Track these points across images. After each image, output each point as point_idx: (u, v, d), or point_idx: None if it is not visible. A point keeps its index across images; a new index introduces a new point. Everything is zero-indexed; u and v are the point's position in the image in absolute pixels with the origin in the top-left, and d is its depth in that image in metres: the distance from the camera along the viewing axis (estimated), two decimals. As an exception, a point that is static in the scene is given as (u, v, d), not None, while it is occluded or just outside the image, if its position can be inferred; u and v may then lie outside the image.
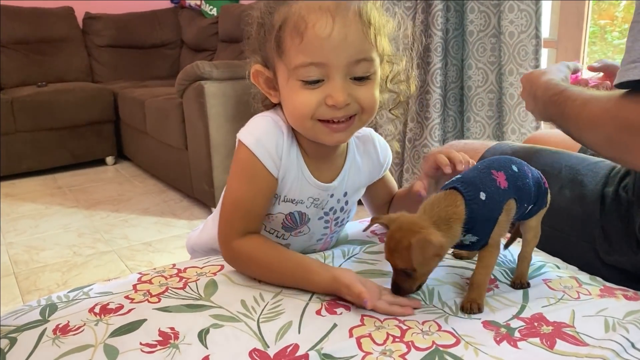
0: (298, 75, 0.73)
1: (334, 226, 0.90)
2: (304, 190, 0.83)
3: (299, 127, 0.79)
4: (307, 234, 0.88)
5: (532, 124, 2.08)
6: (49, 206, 2.83)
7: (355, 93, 0.74)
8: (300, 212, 0.85)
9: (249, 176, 0.79)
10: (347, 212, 0.90)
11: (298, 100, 0.75)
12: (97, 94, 3.53)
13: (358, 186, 0.91)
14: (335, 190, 0.86)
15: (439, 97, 2.32)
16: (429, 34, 2.29)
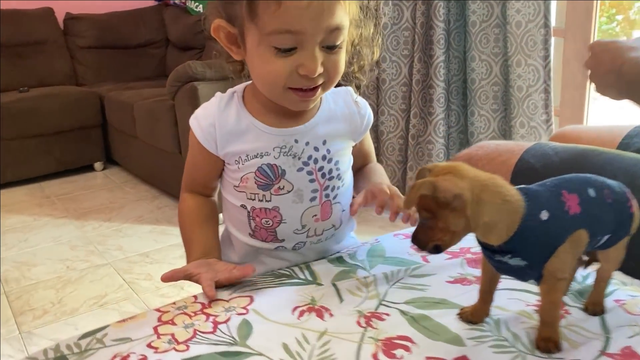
0: (271, 41, 0.72)
1: (322, 179, 0.85)
2: (264, 140, 0.82)
3: (266, 93, 0.80)
4: (293, 191, 0.84)
5: (542, 117, 2.01)
6: (37, 217, 2.71)
7: (326, 62, 0.74)
8: (270, 165, 0.83)
9: (190, 149, 0.88)
10: (334, 162, 0.86)
11: (269, 67, 0.74)
12: (83, 97, 3.40)
13: (338, 134, 0.88)
14: (305, 136, 0.84)
15: (443, 92, 2.24)
16: (431, 25, 2.21)
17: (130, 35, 4.05)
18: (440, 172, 0.63)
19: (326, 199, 0.87)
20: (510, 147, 1.05)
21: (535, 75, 1.98)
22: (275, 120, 0.83)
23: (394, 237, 0.91)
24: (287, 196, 0.84)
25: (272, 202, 0.83)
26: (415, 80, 2.31)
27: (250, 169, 0.82)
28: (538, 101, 2.00)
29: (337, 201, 0.89)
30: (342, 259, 0.84)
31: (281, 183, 0.83)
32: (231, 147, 0.83)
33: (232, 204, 0.88)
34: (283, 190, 0.83)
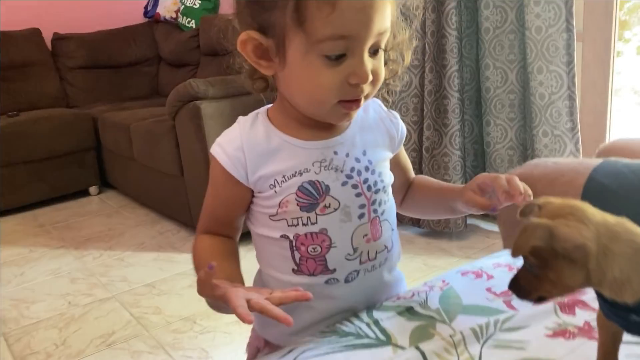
0: (321, 49, 0.64)
1: (368, 192, 0.77)
2: (301, 156, 0.74)
3: (311, 110, 0.72)
4: (340, 209, 0.75)
5: (567, 125, 1.92)
6: (33, 249, 2.57)
7: (373, 69, 0.68)
8: (312, 181, 0.74)
9: (212, 182, 0.79)
10: (378, 174, 0.78)
11: (320, 80, 0.66)
12: (75, 120, 3.26)
13: (377, 144, 0.80)
14: (344, 147, 0.76)
15: (458, 102, 2.15)
16: (442, 34, 2.12)
17: (121, 54, 3.93)
18: (555, 212, 0.53)
19: (374, 214, 0.78)
20: (574, 166, 0.95)
21: (558, 81, 1.89)
22: (309, 134, 0.75)
23: (462, 276, 0.80)
24: (334, 215, 0.74)
25: (319, 224, 0.74)
26: (428, 91, 2.21)
27: (289, 190, 0.73)
28: (562, 109, 1.91)
29: (385, 218, 0.80)
30: (414, 310, 0.72)
31: (327, 200, 0.74)
32: (264, 169, 0.74)
33: (268, 239, 0.78)
34: (329, 208, 0.74)
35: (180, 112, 2.32)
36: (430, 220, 2.27)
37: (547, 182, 0.95)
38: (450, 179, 2.19)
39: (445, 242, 2.28)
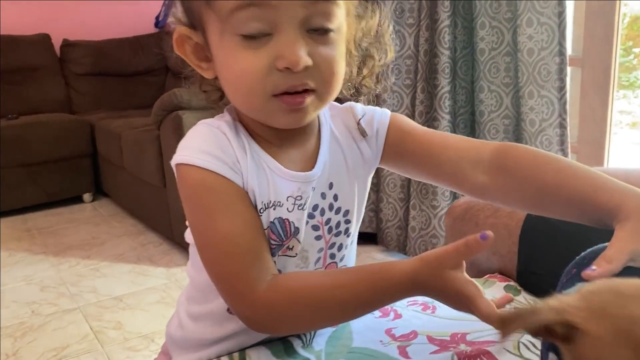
0: (234, 26, 0.53)
1: (328, 234, 0.64)
2: (278, 187, 0.60)
3: (246, 106, 0.59)
4: (299, 253, 0.62)
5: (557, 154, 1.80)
6: (13, 253, 2.53)
7: (314, 53, 0.54)
8: (282, 219, 0.60)
9: (219, 202, 0.57)
10: (343, 213, 0.65)
11: (240, 65, 0.54)
12: (73, 126, 3.25)
13: (345, 172, 0.65)
14: (318, 181, 0.62)
15: (448, 124, 2.05)
16: (435, 53, 2.03)
17: (128, 63, 3.93)
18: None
19: (331, 260, 0.66)
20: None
21: (550, 108, 1.79)
22: (285, 156, 0.62)
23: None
24: (292, 259, 0.63)
25: (277, 265, 0.61)
26: (419, 112, 2.12)
27: (264, 223, 0.60)
28: (553, 137, 1.80)
29: (344, 264, 0.68)
30: (293, 350, 0.63)
31: (291, 242, 0.62)
32: (252, 187, 0.59)
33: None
34: (291, 251, 0.62)
35: (164, 122, 2.27)
36: (417, 247, 2.17)
37: (491, 212, 0.86)
38: (439, 205, 2.08)
39: (432, 271, 2.16)
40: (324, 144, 0.65)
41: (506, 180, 0.62)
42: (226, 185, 0.58)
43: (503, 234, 0.80)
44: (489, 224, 0.84)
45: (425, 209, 2.13)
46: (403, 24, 2.15)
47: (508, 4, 1.88)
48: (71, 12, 3.89)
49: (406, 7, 2.13)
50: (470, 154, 0.64)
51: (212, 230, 0.57)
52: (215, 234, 0.57)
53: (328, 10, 0.54)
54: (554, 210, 0.62)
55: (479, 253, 0.49)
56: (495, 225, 0.82)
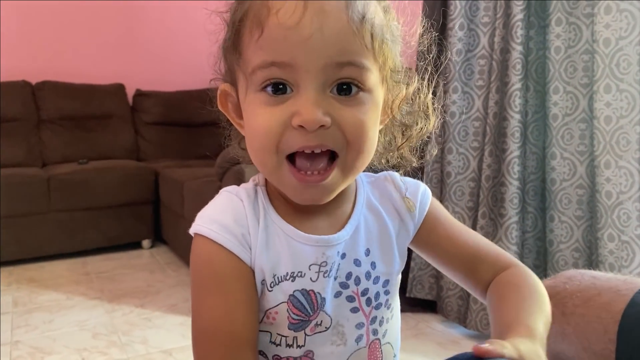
0: (256, 83, 0.53)
1: (367, 306, 0.58)
2: (298, 254, 0.57)
3: (262, 167, 0.57)
4: (332, 328, 0.56)
5: (637, 231, 1.67)
6: (70, 296, 2.56)
7: (337, 113, 0.52)
8: (306, 291, 0.55)
9: (215, 279, 0.55)
10: (382, 282, 0.59)
11: (256, 120, 0.53)
12: (138, 173, 3.34)
13: (384, 239, 0.60)
14: (347, 246, 0.57)
15: (517, 191, 1.95)
16: (504, 116, 1.97)
17: (196, 114, 4.02)
18: None
19: (374, 337, 0.60)
20: (614, 285, 0.76)
21: (629, 180, 1.67)
22: (309, 224, 0.58)
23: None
24: (324, 335, 0.57)
25: (306, 346, 0.57)
26: (485, 176, 2.04)
27: (280, 297, 0.56)
28: (632, 211, 1.67)
29: (387, 341, 0.62)
30: None
31: (319, 317, 0.57)
32: (262, 261, 0.56)
33: None
34: (320, 326, 0.57)
35: (226, 175, 2.29)
36: (479, 321, 2.04)
37: (581, 301, 0.77)
38: (504, 276, 1.96)
39: (494, 346, 2.02)
40: (359, 207, 0.61)
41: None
42: (229, 259, 0.55)
43: (597, 328, 0.72)
44: (578, 314, 0.75)
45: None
46: (472, 85, 2.10)
47: (584, 68, 1.81)
48: (146, 63, 4.07)
49: (475, 69, 2.09)
50: (477, 265, 0.64)
51: (200, 306, 0.56)
52: (201, 315, 0.55)
53: (352, 71, 0.52)
54: None
55: None
56: (585, 317, 0.74)
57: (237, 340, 0.53)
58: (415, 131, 0.63)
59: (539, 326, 0.54)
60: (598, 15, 1.65)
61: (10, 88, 3.44)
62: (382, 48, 0.54)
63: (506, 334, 0.52)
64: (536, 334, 0.53)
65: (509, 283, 0.61)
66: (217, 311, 0.54)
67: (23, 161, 3.36)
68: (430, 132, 0.66)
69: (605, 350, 0.70)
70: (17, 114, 3.45)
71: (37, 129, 3.55)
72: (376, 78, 0.55)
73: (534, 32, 1.93)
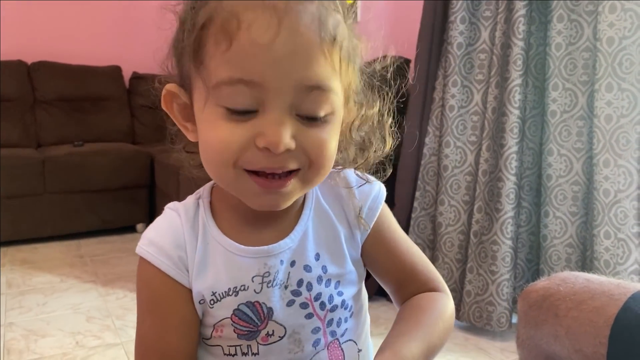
0: (220, 97, 0.50)
1: (322, 310, 0.59)
2: (238, 268, 0.56)
3: (217, 178, 0.56)
4: (288, 337, 0.57)
5: (633, 230, 1.69)
6: (64, 279, 2.56)
7: (302, 136, 0.51)
8: (251, 303, 0.56)
9: (152, 301, 0.58)
10: (334, 284, 0.59)
11: (216, 135, 0.51)
12: (134, 156, 3.33)
13: (336, 237, 0.61)
14: (295, 254, 0.58)
15: (514, 187, 1.96)
16: (503, 112, 1.97)
17: (192, 98, 4.03)
18: None
19: (332, 338, 0.61)
20: (608, 289, 0.77)
21: (627, 179, 1.68)
22: (250, 235, 0.59)
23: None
24: (281, 344, 0.58)
25: (262, 354, 0.58)
26: (482, 171, 2.04)
27: (223, 312, 0.58)
28: (629, 210, 1.68)
29: (348, 338, 0.63)
30: None
31: (269, 327, 0.58)
32: (199, 282, 0.58)
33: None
34: (273, 336, 0.58)
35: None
36: (471, 313, 2.05)
37: (574, 304, 0.77)
38: (498, 271, 1.97)
39: (486, 341, 2.04)
40: (307, 212, 0.61)
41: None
42: (164, 282, 0.57)
43: (589, 331, 0.72)
44: (571, 317, 0.76)
45: (482, 274, 2.02)
46: (472, 79, 2.10)
47: (584, 65, 1.81)
48: (143, 46, 4.02)
49: (476, 63, 2.08)
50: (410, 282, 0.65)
51: (140, 325, 0.59)
52: (140, 330, 0.59)
53: (321, 98, 0.51)
54: None
55: None
56: (579, 320, 0.74)
57: (169, 357, 0.57)
58: (371, 152, 0.63)
59: (411, 352, 0.55)
60: (602, 14, 1.65)
61: (5, 68, 3.41)
62: (348, 70, 0.54)
63: (376, 356, 0.55)
64: (400, 358, 0.54)
65: (414, 306, 0.62)
66: (151, 332, 0.58)
67: (18, 142, 3.34)
68: (388, 154, 0.65)
69: (596, 354, 0.70)
70: (13, 94, 3.42)
71: (33, 110, 3.52)
72: (340, 100, 0.55)
73: (535, 27, 1.93)
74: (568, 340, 0.76)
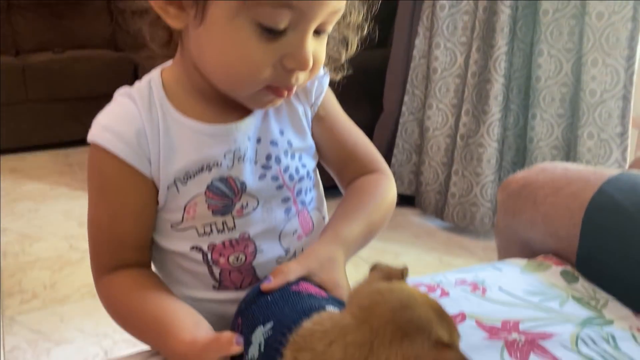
0: (257, 15, 0.49)
1: (290, 181, 0.62)
2: (208, 146, 0.58)
3: (230, 89, 0.56)
4: (261, 207, 0.61)
5: (616, 129, 1.70)
6: (54, 187, 2.58)
7: (315, 52, 0.54)
8: (224, 178, 0.58)
9: (101, 185, 0.59)
10: (299, 157, 0.63)
11: (248, 54, 0.51)
12: (116, 63, 3.25)
13: (294, 117, 0.64)
14: (260, 131, 0.60)
15: (502, 88, 1.95)
16: (495, 10, 1.91)
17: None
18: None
19: (302, 206, 0.64)
20: (585, 175, 0.78)
21: (614, 78, 1.67)
22: (214, 114, 0.59)
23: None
24: (254, 215, 0.60)
25: (238, 228, 0.60)
26: (472, 73, 2.02)
27: (195, 190, 0.58)
28: (614, 109, 1.68)
29: (314, 207, 0.67)
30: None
31: (243, 199, 0.60)
32: (163, 165, 0.57)
33: (173, 254, 0.62)
34: (247, 207, 0.60)
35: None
36: (455, 214, 2.11)
37: (552, 191, 0.79)
38: (483, 173, 2.00)
39: (469, 240, 2.11)
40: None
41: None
42: (121, 170, 0.57)
43: (564, 214, 0.75)
44: (549, 203, 0.78)
45: (467, 176, 2.06)
46: None
47: (580, -39, 1.75)
48: (120, -54, 3.82)
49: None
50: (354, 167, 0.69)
51: (92, 210, 0.60)
52: (91, 215, 0.60)
53: (336, 18, 0.54)
54: None
55: (229, 354, 0.47)
56: (555, 205, 0.76)
57: (121, 245, 0.59)
58: (342, 55, 0.64)
59: (352, 232, 0.60)
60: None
61: (-25, -31, 3.23)
62: None
63: (319, 238, 0.60)
64: (340, 239, 0.59)
65: (356, 188, 0.67)
66: (105, 217, 0.59)
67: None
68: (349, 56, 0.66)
69: (570, 236, 0.73)
70: (-15, -2, 3.28)
71: (8, 14, 3.38)
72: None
73: None
74: (544, 226, 0.79)
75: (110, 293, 0.59)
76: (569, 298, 0.64)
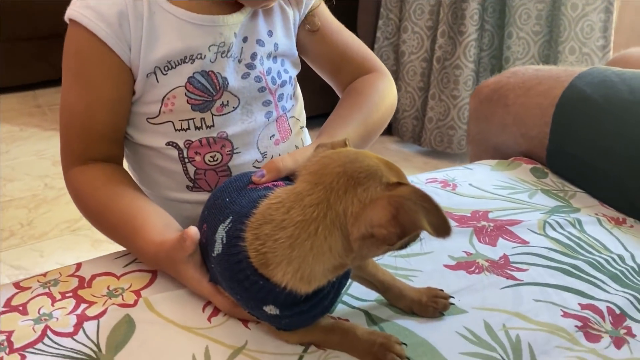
0: None
1: (273, 85, 0.61)
2: (192, 36, 0.55)
3: None
4: (240, 106, 0.59)
5: (598, 42, 1.68)
6: (24, 128, 2.52)
7: None
8: (206, 72, 0.56)
9: (78, 68, 0.56)
10: (281, 62, 0.62)
11: None
12: (80, -1, 3.10)
13: (283, 21, 0.63)
14: (248, 29, 0.58)
15: (477, 7, 1.91)
16: None
17: None
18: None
19: (282, 112, 0.63)
20: (555, 73, 0.78)
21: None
22: (201, 6, 0.57)
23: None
24: (233, 115, 0.59)
25: (216, 126, 0.58)
26: (446, -7, 1.97)
27: (176, 81, 0.56)
28: (596, 23, 1.66)
29: (292, 115, 0.65)
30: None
31: (224, 97, 0.58)
32: (151, 53, 0.55)
33: (148, 149, 0.60)
34: (227, 106, 0.58)
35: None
36: (433, 138, 2.11)
37: (523, 91, 0.79)
38: (460, 95, 1.99)
39: (447, 163, 2.12)
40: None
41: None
42: (99, 51, 0.54)
43: (535, 113, 0.74)
44: (519, 104, 0.77)
45: (444, 99, 2.04)
46: None
47: None
48: None
49: None
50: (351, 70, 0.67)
51: (66, 95, 0.58)
52: (64, 100, 0.58)
53: None
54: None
55: (190, 250, 0.47)
56: (526, 105, 0.76)
57: (94, 135, 0.57)
58: None
59: (348, 134, 0.58)
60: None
61: None
62: None
63: (314, 140, 0.59)
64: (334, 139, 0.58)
65: (354, 89, 0.65)
66: (77, 106, 0.57)
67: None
68: None
69: (540, 134, 0.73)
70: None
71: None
72: None
73: None
74: (515, 127, 0.79)
75: (79, 185, 0.58)
76: (537, 191, 0.65)
